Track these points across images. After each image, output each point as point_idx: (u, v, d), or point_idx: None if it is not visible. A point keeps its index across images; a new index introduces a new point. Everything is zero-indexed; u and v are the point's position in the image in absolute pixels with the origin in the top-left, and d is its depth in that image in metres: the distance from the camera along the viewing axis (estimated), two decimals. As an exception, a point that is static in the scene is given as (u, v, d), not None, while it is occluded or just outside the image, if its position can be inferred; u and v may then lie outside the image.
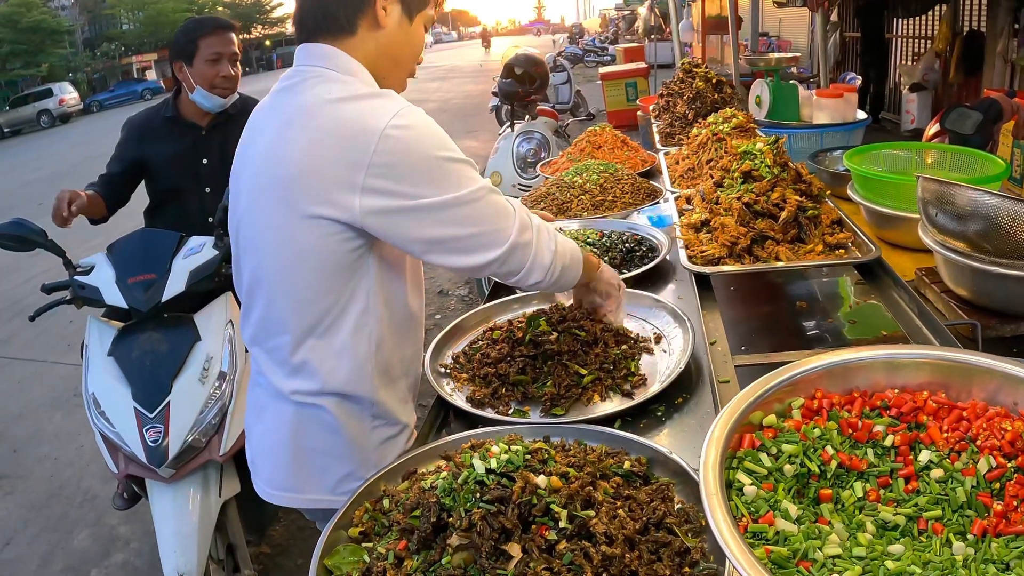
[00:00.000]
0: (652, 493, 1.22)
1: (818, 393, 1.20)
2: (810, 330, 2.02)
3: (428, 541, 1.07)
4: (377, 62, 1.46)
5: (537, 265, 1.49)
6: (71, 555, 3.51)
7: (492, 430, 1.45)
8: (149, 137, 2.99)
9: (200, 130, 2.98)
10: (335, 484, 1.51)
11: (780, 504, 0.99)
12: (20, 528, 3.77)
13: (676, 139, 3.24)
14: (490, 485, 1.08)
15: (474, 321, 2.03)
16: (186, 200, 3.01)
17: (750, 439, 1.11)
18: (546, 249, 1.50)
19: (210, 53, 2.82)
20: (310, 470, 1.52)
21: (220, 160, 2.99)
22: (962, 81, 8.89)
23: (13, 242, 2.54)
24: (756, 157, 2.02)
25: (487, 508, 1.05)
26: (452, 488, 1.09)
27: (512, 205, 1.47)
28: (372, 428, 1.53)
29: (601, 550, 1.03)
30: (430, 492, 1.09)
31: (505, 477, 1.10)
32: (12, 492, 4.13)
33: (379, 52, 1.46)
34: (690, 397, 1.65)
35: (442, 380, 1.76)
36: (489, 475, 1.09)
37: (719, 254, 1.84)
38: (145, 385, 2.48)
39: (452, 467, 1.15)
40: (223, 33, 2.86)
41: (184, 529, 2.41)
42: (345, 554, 1.14)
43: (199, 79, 2.85)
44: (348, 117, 1.32)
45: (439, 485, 1.10)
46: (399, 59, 1.50)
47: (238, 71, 2.94)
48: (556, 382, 1.63)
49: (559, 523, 1.06)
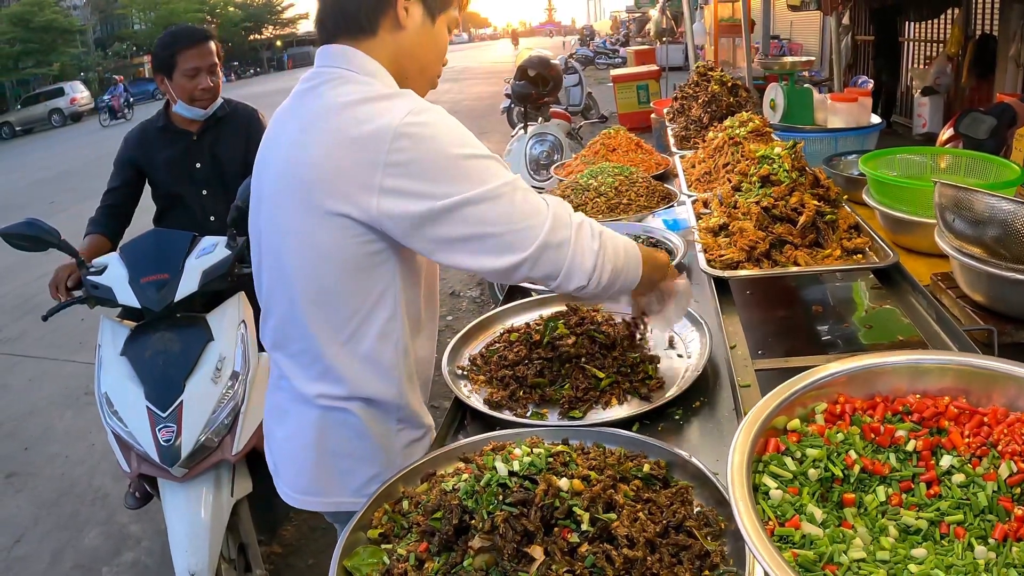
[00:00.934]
0: (672, 496, 1.22)
1: (841, 398, 1.20)
2: (826, 334, 2.01)
3: (450, 543, 1.07)
4: (399, 63, 1.44)
5: (577, 269, 1.36)
6: (82, 553, 3.52)
7: (511, 432, 1.44)
8: (145, 147, 3.05)
9: (191, 136, 3.04)
10: (360, 487, 1.50)
11: (806, 508, 1.00)
12: (31, 526, 3.78)
13: (691, 142, 3.24)
14: (512, 487, 1.08)
15: (490, 323, 2.03)
16: (187, 203, 3.07)
17: (775, 443, 1.11)
18: (588, 250, 1.37)
19: (188, 68, 2.85)
20: (334, 473, 1.51)
21: (212, 163, 3.05)
22: (974, 85, 8.84)
23: (26, 242, 2.54)
24: (774, 161, 2.02)
25: (509, 510, 1.05)
26: (474, 490, 1.09)
27: (546, 201, 1.37)
28: (397, 431, 1.53)
29: (623, 553, 1.03)
30: (452, 494, 1.09)
31: (527, 480, 1.10)
32: (23, 490, 4.14)
33: (401, 53, 1.44)
34: (707, 401, 1.65)
35: (459, 382, 1.76)
36: (512, 477, 1.10)
37: (737, 258, 1.84)
38: (158, 385, 2.48)
39: (474, 469, 1.15)
40: (200, 45, 2.88)
41: (196, 529, 2.41)
42: (364, 556, 1.14)
43: (179, 92, 2.90)
44: (363, 118, 1.30)
45: (461, 487, 1.10)
46: (422, 61, 1.48)
47: (218, 80, 3.00)
48: (574, 385, 1.63)
49: (581, 526, 1.06)
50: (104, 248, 2.89)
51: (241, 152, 3.05)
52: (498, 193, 1.31)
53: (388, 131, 1.27)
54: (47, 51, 35.82)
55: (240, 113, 3.13)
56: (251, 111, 3.18)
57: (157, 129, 3.05)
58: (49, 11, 35.44)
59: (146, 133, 3.07)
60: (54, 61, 36.39)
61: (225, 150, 3.05)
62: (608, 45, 27.12)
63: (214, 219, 3.05)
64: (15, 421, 4.99)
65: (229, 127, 3.07)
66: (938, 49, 10.10)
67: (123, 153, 3.08)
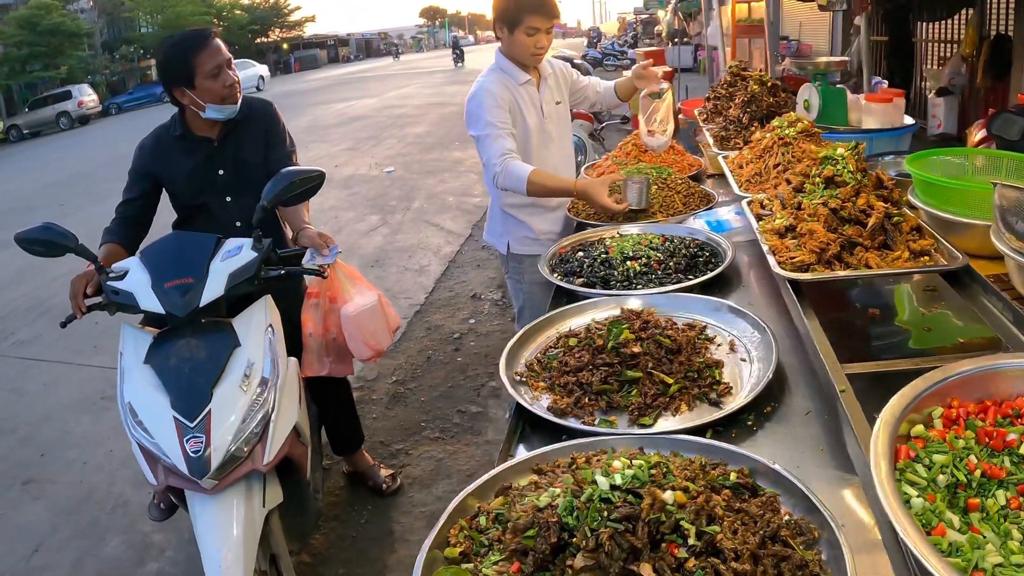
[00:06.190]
0: (762, 506, 1.16)
1: (954, 402, 1.19)
2: (886, 337, 1.96)
3: (546, 563, 1.00)
4: (510, 54, 2.94)
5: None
6: (103, 563, 3.41)
7: (586, 442, 1.38)
8: (162, 158, 2.94)
9: (212, 143, 2.93)
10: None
11: (944, 515, 1.00)
12: (49, 533, 3.67)
13: (732, 143, 3.19)
14: (616, 502, 1.02)
15: (543, 327, 1.97)
16: (209, 211, 2.98)
17: (905, 450, 1.09)
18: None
19: (210, 69, 2.74)
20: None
21: (235, 168, 2.95)
22: (989, 86, 8.76)
23: (42, 247, 2.43)
24: (838, 162, 1.99)
25: (615, 527, 0.98)
26: (574, 507, 1.02)
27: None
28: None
29: (731, 567, 0.98)
30: (549, 511, 1.02)
31: (631, 493, 1.03)
32: (40, 497, 4.03)
33: (507, 50, 2.93)
34: (778, 405, 1.58)
35: (519, 388, 1.69)
36: (614, 491, 1.03)
37: (808, 260, 1.78)
38: (184, 393, 2.35)
39: (568, 484, 1.08)
40: (211, 43, 2.78)
41: (229, 543, 2.28)
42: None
43: (207, 96, 2.78)
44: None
45: (560, 504, 1.03)
46: (515, 53, 2.92)
47: (236, 73, 2.89)
48: (642, 391, 1.57)
49: (688, 540, 1.00)
50: (121, 258, 2.77)
51: (262, 151, 2.98)
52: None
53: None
54: (54, 54, 35.80)
55: (256, 110, 3.02)
56: (266, 105, 3.08)
57: (174, 139, 2.93)
58: (56, 14, 35.41)
59: (162, 143, 2.95)
60: (61, 64, 36.34)
61: (248, 152, 2.96)
62: (616, 47, 27.09)
63: (240, 225, 2.96)
64: (30, 426, 4.87)
65: (248, 128, 2.98)
66: (952, 50, 10.02)
67: (139, 164, 2.95)
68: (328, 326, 3.00)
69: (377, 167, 12.48)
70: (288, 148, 3.06)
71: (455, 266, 7.18)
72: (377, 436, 4.14)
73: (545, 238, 3.11)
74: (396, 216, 9.25)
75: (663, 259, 2.28)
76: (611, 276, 2.24)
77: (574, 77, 3.24)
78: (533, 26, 2.81)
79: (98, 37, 42.54)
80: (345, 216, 9.38)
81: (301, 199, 2.61)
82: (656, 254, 2.30)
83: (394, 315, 3.13)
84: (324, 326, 2.99)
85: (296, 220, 2.97)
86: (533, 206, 3.10)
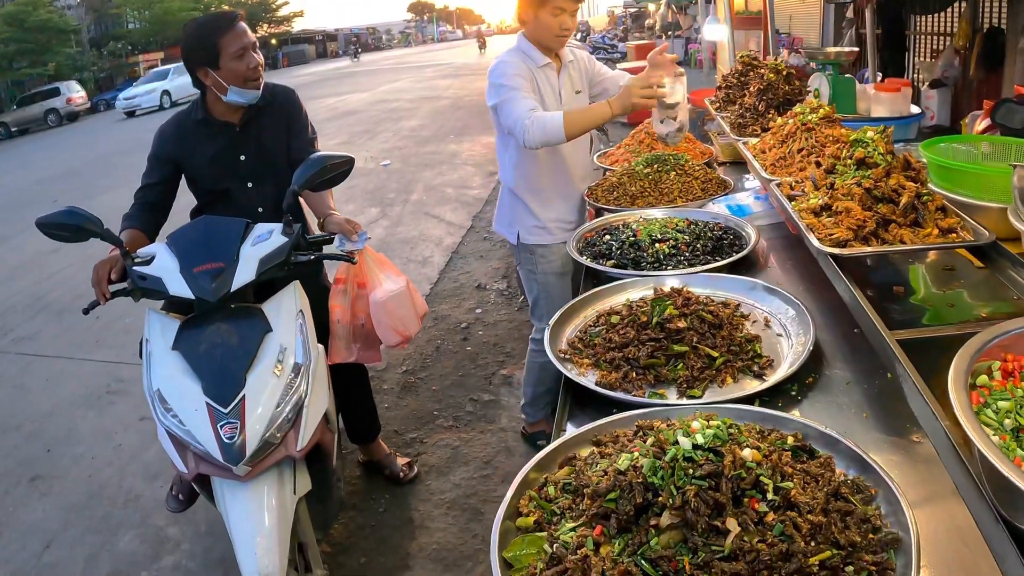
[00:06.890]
0: (821, 466, 1.21)
1: (1009, 356, 1.28)
2: (913, 311, 2.01)
3: (628, 524, 1.02)
4: (534, 37, 2.96)
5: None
6: (118, 558, 3.36)
7: (645, 411, 1.40)
8: (184, 143, 2.91)
9: (235, 127, 2.91)
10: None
11: (1016, 452, 1.09)
12: (60, 530, 3.61)
13: (749, 130, 3.24)
14: (699, 460, 1.05)
15: (580, 307, 2.00)
16: (231, 197, 2.96)
17: (975, 396, 1.17)
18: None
19: (235, 50, 2.73)
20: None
21: (257, 153, 2.94)
22: (982, 78, 8.83)
23: (66, 232, 2.39)
24: (868, 145, 2.06)
25: (700, 484, 1.02)
26: (658, 467, 1.05)
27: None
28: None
29: (808, 519, 1.03)
30: (632, 472, 1.05)
31: (712, 452, 1.07)
32: (48, 493, 3.97)
33: (532, 32, 2.95)
34: (819, 376, 1.64)
35: (565, 364, 1.71)
36: (696, 451, 1.06)
37: (846, 236, 1.84)
38: (216, 379, 2.32)
39: (645, 447, 1.11)
40: (237, 25, 2.78)
41: (264, 529, 2.25)
42: (523, 545, 1.09)
43: (230, 78, 2.77)
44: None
45: (644, 464, 1.05)
46: (540, 35, 2.94)
47: (260, 56, 2.88)
48: (688, 364, 1.61)
49: (766, 495, 1.05)
50: (142, 244, 2.73)
51: (284, 137, 2.96)
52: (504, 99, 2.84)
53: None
54: (42, 51, 35.50)
55: (279, 96, 3.01)
56: (289, 92, 3.07)
57: (195, 123, 2.91)
58: (43, 11, 35.14)
59: (183, 128, 2.92)
60: (49, 61, 35.99)
61: (270, 139, 2.94)
62: (606, 40, 27.08)
63: (262, 211, 2.94)
64: (35, 422, 4.80)
65: (271, 114, 2.96)
66: (945, 42, 10.09)
67: (159, 149, 2.92)
68: (356, 312, 2.98)
69: (373, 160, 12.45)
70: (310, 135, 3.05)
71: (458, 257, 7.19)
72: (391, 425, 4.14)
73: (554, 226, 3.12)
74: (395, 208, 9.25)
75: (690, 241, 2.31)
76: (641, 258, 2.27)
77: (597, 68, 3.24)
78: (559, 6, 2.83)
79: (85, 34, 42.18)
80: (344, 209, 9.20)
81: (331, 184, 2.59)
82: (683, 236, 2.33)
83: (421, 301, 3.12)
84: (352, 312, 2.97)
85: (322, 206, 2.95)
86: (543, 191, 3.10)
